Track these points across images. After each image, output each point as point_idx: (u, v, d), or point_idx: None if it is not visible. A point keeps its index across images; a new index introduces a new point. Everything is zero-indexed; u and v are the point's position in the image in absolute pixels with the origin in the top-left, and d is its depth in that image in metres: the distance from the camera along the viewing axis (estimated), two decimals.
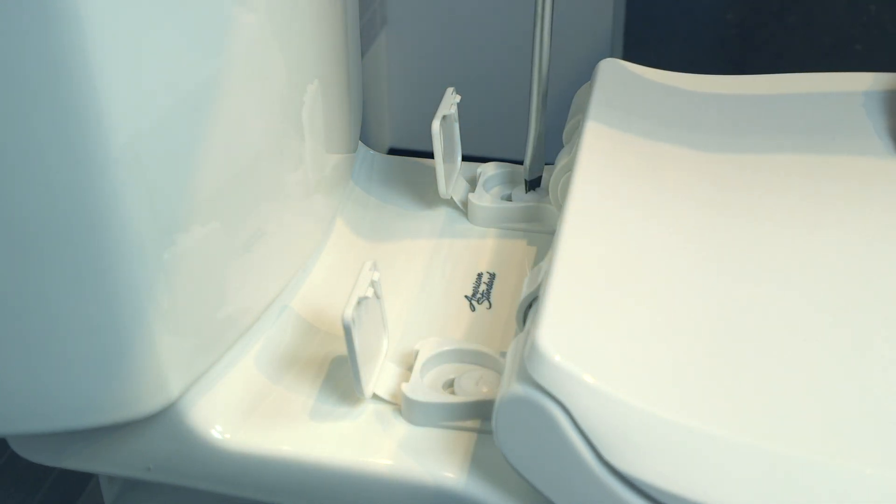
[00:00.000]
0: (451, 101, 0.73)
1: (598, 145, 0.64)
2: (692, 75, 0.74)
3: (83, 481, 0.79)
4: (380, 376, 0.58)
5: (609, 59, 0.74)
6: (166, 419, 0.55)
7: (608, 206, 0.59)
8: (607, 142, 0.65)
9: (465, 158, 0.78)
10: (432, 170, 0.76)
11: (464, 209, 0.75)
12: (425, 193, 0.77)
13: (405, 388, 0.56)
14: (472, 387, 0.58)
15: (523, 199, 0.74)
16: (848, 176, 0.63)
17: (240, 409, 0.57)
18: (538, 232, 0.73)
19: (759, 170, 0.63)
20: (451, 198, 0.74)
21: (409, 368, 0.59)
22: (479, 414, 0.56)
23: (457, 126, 0.75)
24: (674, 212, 0.59)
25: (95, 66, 0.43)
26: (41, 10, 0.42)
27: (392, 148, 1.44)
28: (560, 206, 0.67)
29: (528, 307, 0.56)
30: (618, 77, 0.72)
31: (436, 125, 0.70)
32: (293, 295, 0.65)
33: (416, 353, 0.59)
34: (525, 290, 0.56)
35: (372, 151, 0.80)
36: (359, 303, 0.54)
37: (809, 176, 0.63)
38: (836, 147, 0.65)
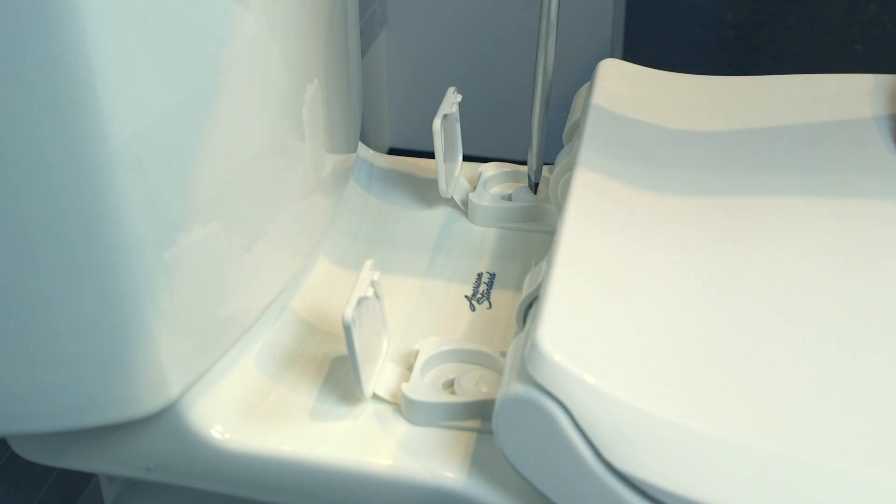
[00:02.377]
0: (452, 101, 0.73)
1: (598, 145, 0.64)
2: (692, 76, 0.74)
3: (83, 481, 0.79)
4: (380, 376, 0.58)
5: (609, 60, 0.74)
6: (166, 419, 0.55)
7: (608, 206, 0.59)
8: (607, 142, 0.65)
9: (465, 159, 0.78)
10: (432, 170, 0.76)
11: (464, 209, 0.75)
12: (425, 193, 0.77)
13: (405, 387, 0.56)
14: (472, 387, 0.58)
15: (523, 199, 0.74)
16: (848, 177, 0.63)
17: (240, 409, 0.57)
18: (538, 232, 0.73)
19: (759, 170, 0.63)
20: (452, 197, 0.74)
21: (410, 368, 0.59)
22: (479, 414, 0.56)
23: (458, 125, 0.75)
24: (674, 211, 0.59)
25: (95, 66, 0.43)
26: (41, 10, 0.42)
27: (392, 148, 1.44)
28: (560, 205, 0.67)
29: (529, 307, 0.56)
30: (618, 77, 0.72)
31: (437, 124, 0.70)
32: (293, 295, 0.65)
33: (416, 353, 0.59)
34: (525, 290, 0.56)
35: (372, 151, 0.80)
36: (359, 303, 0.54)
37: (810, 178, 0.63)
38: (836, 148, 0.65)
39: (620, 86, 0.71)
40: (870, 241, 0.57)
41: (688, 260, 0.56)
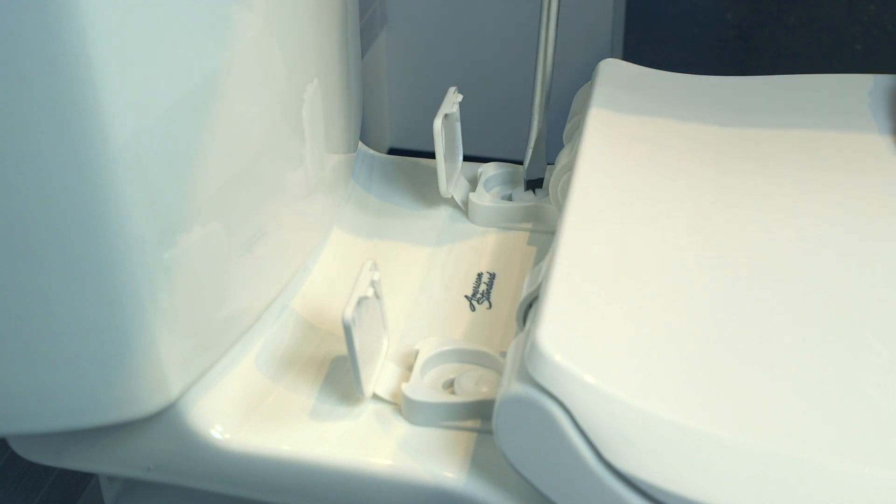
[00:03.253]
0: (453, 101, 0.73)
1: (598, 145, 0.64)
2: (692, 76, 0.74)
3: (83, 481, 0.79)
4: (380, 376, 0.58)
5: (609, 60, 0.74)
6: (166, 419, 0.55)
7: (608, 206, 0.59)
8: (607, 142, 0.65)
9: (464, 159, 0.78)
10: (432, 170, 0.76)
11: (464, 209, 0.75)
12: (426, 193, 0.77)
13: (405, 387, 0.56)
14: (472, 387, 0.58)
15: (524, 199, 0.74)
16: (848, 177, 0.63)
17: (240, 409, 0.57)
18: (539, 231, 0.73)
19: (758, 171, 0.63)
20: (452, 197, 0.74)
21: (410, 368, 0.59)
22: (479, 414, 0.56)
23: (458, 125, 0.75)
24: (674, 211, 0.59)
25: (95, 66, 0.43)
26: (41, 10, 0.42)
27: (392, 148, 1.44)
28: (560, 205, 0.67)
29: (529, 307, 0.56)
30: (618, 77, 0.72)
31: (437, 123, 0.70)
32: (293, 295, 0.65)
33: (416, 353, 0.59)
34: (525, 290, 0.56)
35: (372, 151, 0.80)
36: (359, 303, 0.54)
37: (809, 177, 0.63)
38: (836, 148, 0.65)
39: (621, 86, 0.71)
40: (870, 240, 0.57)
41: (688, 260, 0.56)
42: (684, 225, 0.58)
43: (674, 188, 0.61)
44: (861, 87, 0.71)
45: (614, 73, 0.73)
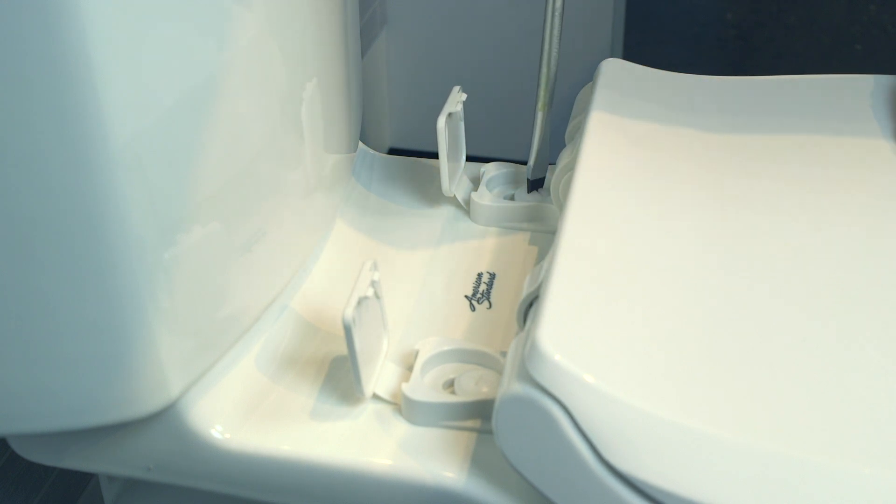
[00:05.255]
0: (457, 99, 0.73)
1: (599, 145, 0.64)
2: (693, 76, 0.74)
3: (83, 481, 0.79)
4: (380, 376, 0.58)
5: (611, 59, 0.74)
6: (166, 419, 0.55)
7: (609, 206, 0.59)
8: (609, 142, 0.65)
9: (466, 159, 0.78)
10: (433, 169, 0.76)
11: (466, 208, 0.75)
12: (426, 193, 0.77)
13: (405, 387, 0.56)
14: (472, 386, 0.58)
15: (525, 199, 0.74)
16: (848, 177, 0.63)
17: (240, 409, 0.57)
18: (540, 231, 0.73)
19: (759, 171, 0.63)
20: (454, 196, 0.74)
21: (410, 368, 0.59)
22: (479, 414, 0.56)
23: (462, 124, 0.75)
24: (675, 211, 0.59)
25: (95, 66, 0.43)
26: (41, 10, 0.42)
27: (392, 148, 1.44)
28: (561, 205, 0.67)
29: (529, 307, 0.56)
30: (620, 77, 0.72)
31: (441, 122, 0.70)
32: (293, 295, 0.65)
33: (417, 353, 0.59)
34: (525, 290, 0.56)
35: (372, 151, 0.80)
36: (359, 303, 0.54)
37: (810, 177, 0.63)
38: (835, 149, 0.65)
39: (622, 85, 0.71)
40: (871, 240, 0.57)
41: (688, 259, 0.56)
42: (685, 225, 0.58)
43: (674, 188, 0.61)
44: (861, 87, 0.71)
45: (616, 72, 0.73)
